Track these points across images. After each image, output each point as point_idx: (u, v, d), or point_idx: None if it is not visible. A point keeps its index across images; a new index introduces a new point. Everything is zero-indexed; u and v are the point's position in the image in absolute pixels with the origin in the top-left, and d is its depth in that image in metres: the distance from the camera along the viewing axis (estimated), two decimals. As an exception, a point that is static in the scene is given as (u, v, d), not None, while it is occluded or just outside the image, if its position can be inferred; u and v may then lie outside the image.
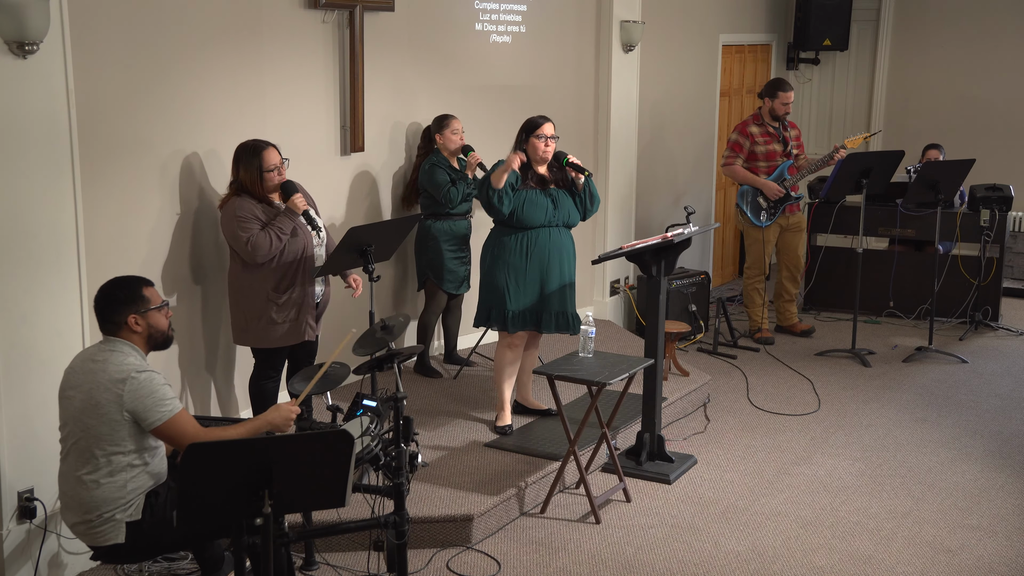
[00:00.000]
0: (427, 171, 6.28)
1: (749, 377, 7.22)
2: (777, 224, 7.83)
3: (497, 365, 5.73)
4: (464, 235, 6.45)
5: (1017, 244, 9.80)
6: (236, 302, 5.12)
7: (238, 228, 4.89)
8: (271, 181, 4.97)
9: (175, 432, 3.66)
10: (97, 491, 3.66)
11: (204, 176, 5.31)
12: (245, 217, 4.91)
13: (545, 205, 5.53)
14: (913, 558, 4.76)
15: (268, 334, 5.07)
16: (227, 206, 4.98)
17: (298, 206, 4.97)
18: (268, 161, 4.94)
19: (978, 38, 10.17)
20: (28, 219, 4.16)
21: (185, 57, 5.11)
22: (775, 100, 7.65)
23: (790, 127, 7.82)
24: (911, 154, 9.26)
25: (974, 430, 6.29)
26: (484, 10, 7.03)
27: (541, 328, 5.61)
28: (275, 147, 5.02)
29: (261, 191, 4.96)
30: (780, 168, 7.67)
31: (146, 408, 3.62)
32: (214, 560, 3.93)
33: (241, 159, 4.97)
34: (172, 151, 5.13)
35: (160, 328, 3.81)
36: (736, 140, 7.75)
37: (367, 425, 4.06)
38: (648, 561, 4.72)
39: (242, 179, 4.96)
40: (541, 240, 5.55)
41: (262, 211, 4.97)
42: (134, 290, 3.76)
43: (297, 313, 5.08)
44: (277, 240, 4.92)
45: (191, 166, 5.24)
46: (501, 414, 5.75)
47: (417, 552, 4.67)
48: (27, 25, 3.97)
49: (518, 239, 5.54)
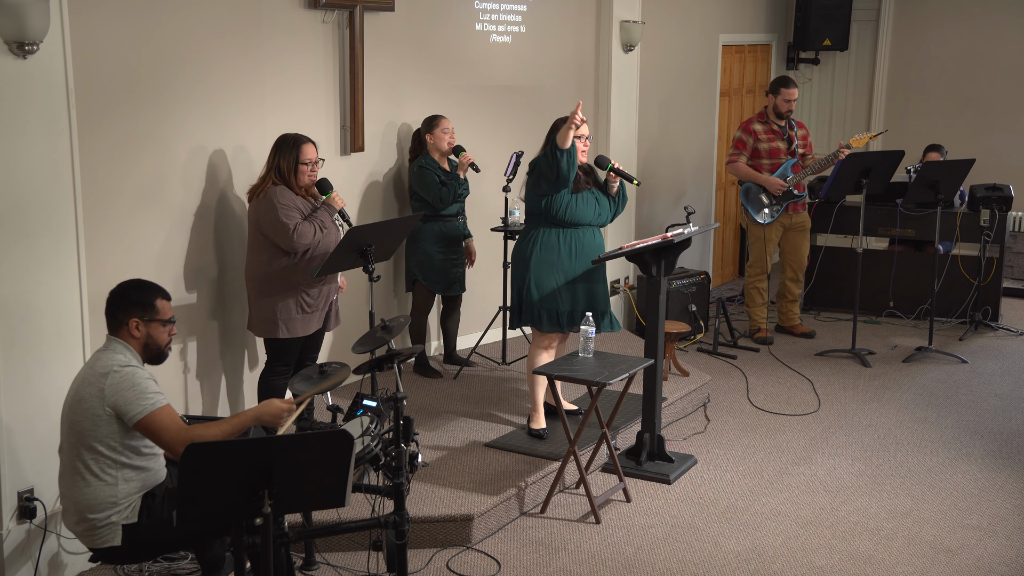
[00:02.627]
0: (416, 173, 6.27)
1: (749, 377, 7.22)
2: (780, 223, 7.82)
3: (533, 368, 5.64)
4: (455, 236, 6.43)
5: (1017, 244, 9.80)
6: (263, 293, 5.14)
7: (282, 215, 4.97)
8: (304, 174, 5.07)
9: (157, 427, 3.62)
10: (88, 490, 3.65)
11: (205, 176, 5.32)
12: (288, 205, 5.00)
13: (593, 203, 5.54)
14: (913, 558, 4.76)
15: (295, 324, 5.14)
16: (264, 195, 5.03)
17: (338, 203, 5.17)
18: (305, 154, 5.07)
19: (978, 38, 10.18)
20: (28, 219, 4.16)
21: (185, 57, 5.11)
22: (778, 97, 7.66)
23: (798, 126, 7.81)
24: (911, 154, 9.26)
25: (974, 430, 6.29)
26: (484, 10, 7.03)
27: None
28: (314, 144, 5.13)
29: (294, 183, 5.05)
30: (784, 166, 7.67)
31: (127, 401, 3.60)
32: (215, 561, 3.92)
33: (280, 149, 5.08)
34: (173, 151, 5.13)
35: (158, 342, 3.80)
36: (740, 138, 7.75)
37: (367, 425, 4.06)
38: (648, 561, 4.72)
39: (281, 166, 5.05)
40: (587, 239, 5.55)
41: (302, 203, 5.08)
42: (147, 296, 3.76)
43: (324, 303, 5.23)
44: (319, 232, 5.05)
45: (192, 166, 5.24)
46: (536, 416, 5.71)
47: (417, 552, 4.67)
48: (27, 25, 3.97)
49: (567, 238, 5.50)
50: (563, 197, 5.43)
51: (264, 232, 5.05)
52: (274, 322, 5.13)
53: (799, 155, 7.75)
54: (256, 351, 5.68)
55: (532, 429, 5.70)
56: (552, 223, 5.49)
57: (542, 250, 5.51)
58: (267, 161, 5.13)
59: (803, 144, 7.81)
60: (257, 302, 5.18)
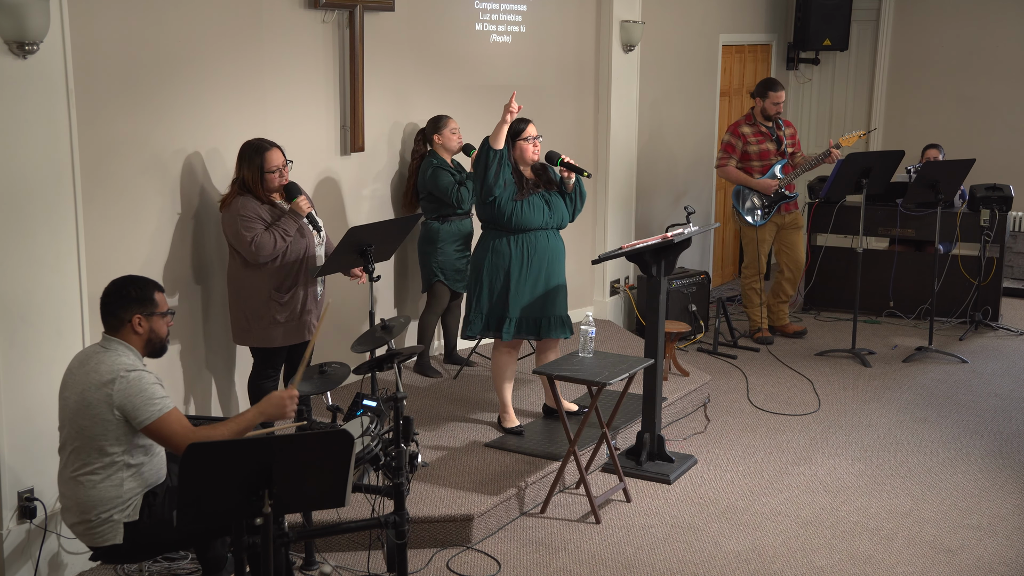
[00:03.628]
0: (430, 175, 6.26)
1: (749, 377, 7.22)
2: (773, 223, 7.82)
3: (497, 371, 5.68)
4: (469, 233, 6.46)
5: (1017, 244, 9.80)
6: (237, 302, 5.12)
7: (241, 227, 4.89)
8: (272, 182, 4.97)
9: (166, 431, 3.63)
10: (93, 491, 3.66)
11: (205, 176, 5.31)
12: (249, 216, 4.91)
13: (541, 207, 5.48)
14: (913, 558, 4.76)
15: (270, 334, 5.07)
16: (230, 205, 4.97)
17: (303, 208, 4.99)
18: (271, 162, 4.95)
19: (978, 38, 10.17)
20: (28, 219, 4.16)
21: (185, 57, 5.11)
22: (766, 100, 7.67)
23: (785, 126, 7.82)
24: (911, 154, 9.26)
25: (974, 430, 6.29)
26: (484, 10, 7.03)
27: (541, 334, 5.57)
28: (280, 148, 5.03)
29: (262, 191, 4.97)
30: (772, 168, 7.67)
31: (135, 407, 3.60)
32: (216, 561, 3.92)
33: (244, 157, 4.98)
34: (172, 151, 5.13)
35: (160, 335, 3.80)
36: (728, 141, 7.75)
37: (367, 425, 4.06)
38: (648, 561, 4.72)
39: (245, 177, 4.96)
40: (540, 244, 5.50)
41: (267, 211, 4.97)
42: (145, 291, 3.76)
43: (300, 313, 5.09)
44: (281, 241, 4.94)
45: (192, 166, 5.24)
46: (506, 416, 5.73)
47: (417, 552, 4.67)
48: (27, 25, 3.97)
49: (518, 244, 5.47)
50: (507, 204, 5.38)
51: (230, 243, 5.03)
52: (248, 331, 5.10)
53: (788, 155, 7.76)
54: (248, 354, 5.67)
55: (508, 428, 5.71)
56: (502, 229, 5.47)
57: (494, 256, 5.48)
58: (235, 169, 5.05)
59: (792, 143, 7.82)
60: (234, 310, 5.15)
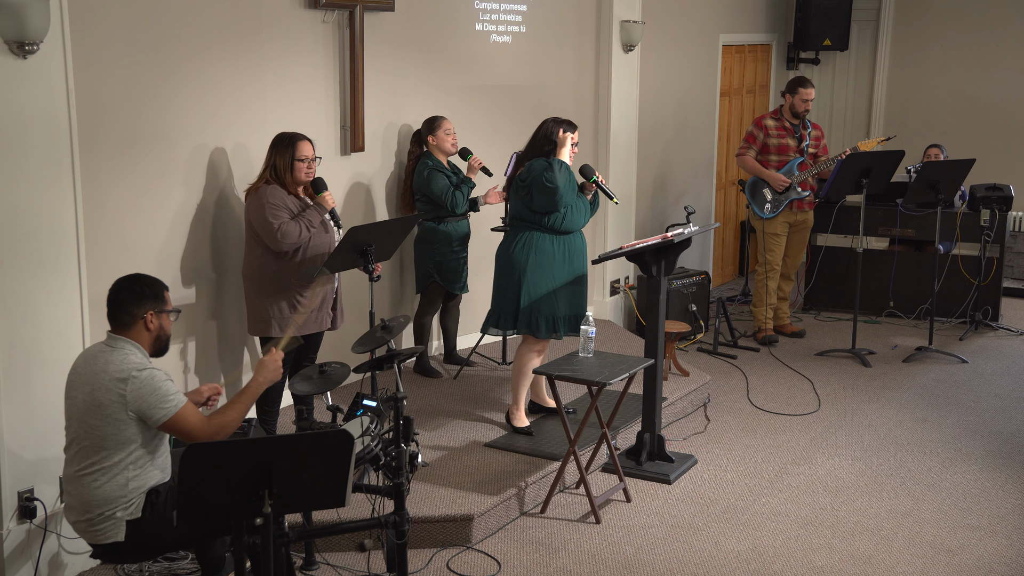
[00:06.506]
0: (425, 177, 6.25)
1: (749, 377, 7.22)
2: (786, 221, 7.82)
3: (523, 370, 5.63)
4: (465, 234, 6.46)
5: (1017, 244, 9.80)
6: (257, 293, 5.15)
7: (268, 215, 4.99)
8: (300, 171, 5.09)
9: (183, 425, 3.68)
10: (100, 490, 3.66)
11: (205, 175, 5.32)
12: (276, 204, 5.01)
13: (584, 210, 5.58)
14: (913, 558, 4.76)
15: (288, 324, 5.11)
16: (257, 193, 5.06)
17: (328, 202, 5.16)
18: (301, 151, 5.09)
19: (978, 38, 10.18)
20: (28, 219, 4.16)
21: (185, 56, 5.11)
22: (795, 96, 7.69)
23: (812, 127, 7.84)
24: (911, 154, 9.26)
25: (974, 430, 6.29)
26: (484, 10, 7.03)
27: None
28: (311, 141, 5.15)
29: (290, 181, 5.08)
30: (790, 164, 7.69)
31: (150, 406, 3.63)
32: (216, 561, 3.92)
33: (277, 146, 5.10)
34: (172, 150, 5.13)
35: (167, 332, 3.85)
36: (751, 132, 7.82)
37: (367, 425, 4.06)
38: (648, 561, 4.72)
39: (276, 164, 5.08)
40: (578, 243, 5.58)
41: (293, 202, 5.08)
42: (156, 288, 3.80)
43: (320, 305, 5.20)
44: (306, 231, 5.05)
45: (192, 165, 5.24)
46: (519, 415, 5.73)
47: (417, 552, 4.67)
48: (27, 25, 3.97)
49: (560, 244, 5.50)
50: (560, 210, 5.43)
51: (255, 230, 5.08)
52: (267, 321, 5.13)
53: (808, 154, 7.76)
54: (255, 350, 5.68)
55: (518, 428, 5.71)
56: (548, 230, 5.49)
57: (537, 255, 5.47)
58: (265, 159, 5.15)
59: (815, 144, 7.82)
60: (252, 301, 5.19)
